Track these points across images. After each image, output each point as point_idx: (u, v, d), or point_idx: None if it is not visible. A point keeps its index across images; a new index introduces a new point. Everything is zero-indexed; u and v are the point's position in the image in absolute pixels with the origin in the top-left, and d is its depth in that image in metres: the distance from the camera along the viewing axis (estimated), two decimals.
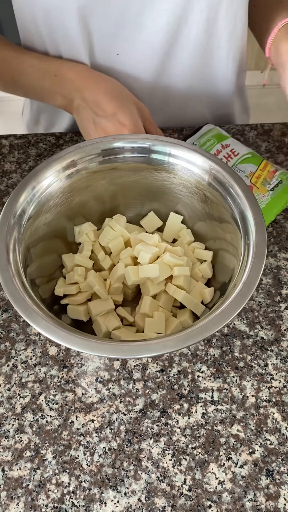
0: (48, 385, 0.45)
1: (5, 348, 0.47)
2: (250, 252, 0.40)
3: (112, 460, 0.41)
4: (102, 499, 0.39)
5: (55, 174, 0.46)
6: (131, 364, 0.46)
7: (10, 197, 0.44)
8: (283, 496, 0.39)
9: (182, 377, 0.45)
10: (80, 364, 0.46)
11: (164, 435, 0.42)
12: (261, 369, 0.45)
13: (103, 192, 0.51)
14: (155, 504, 0.38)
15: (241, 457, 0.40)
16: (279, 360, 0.46)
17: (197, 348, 0.47)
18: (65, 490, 0.39)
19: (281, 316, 0.49)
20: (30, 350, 0.47)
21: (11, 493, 0.39)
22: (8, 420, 0.43)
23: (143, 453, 0.41)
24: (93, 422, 0.43)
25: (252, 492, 0.39)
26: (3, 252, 0.40)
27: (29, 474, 0.40)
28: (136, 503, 0.39)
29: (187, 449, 0.41)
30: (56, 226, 0.49)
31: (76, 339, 0.35)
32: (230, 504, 0.38)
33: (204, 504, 0.38)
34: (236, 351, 0.46)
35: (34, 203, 0.45)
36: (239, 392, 0.44)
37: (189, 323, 0.46)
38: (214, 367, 0.45)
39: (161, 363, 0.46)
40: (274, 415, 0.42)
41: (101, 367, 0.46)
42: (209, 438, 0.41)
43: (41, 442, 0.42)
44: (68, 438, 0.42)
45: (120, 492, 0.39)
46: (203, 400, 0.43)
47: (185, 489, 0.39)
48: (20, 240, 0.42)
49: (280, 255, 0.53)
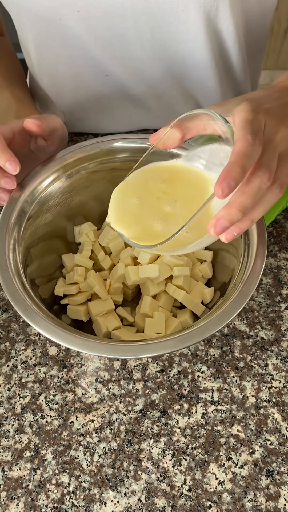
0: (48, 385, 0.45)
1: (5, 348, 0.47)
2: (250, 252, 0.40)
3: (112, 460, 0.41)
4: (102, 499, 0.39)
5: (55, 174, 0.46)
6: (131, 364, 0.46)
7: (10, 197, 0.44)
8: (283, 497, 0.39)
9: (182, 377, 0.45)
10: (80, 364, 0.46)
11: (164, 435, 0.42)
12: (261, 369, 0.45)
13: (103, 192, 0.51)
14: (155, 505, 0.38)
15: (241, 457, 0.40)
16: (279, 360, 0.46)
17: (197, 348, 0.47)
18: (65, 490, 0.39)
19: (281, 316, 0.49)
20: (30, 350, 0.47)
21: (11, 493, 0.39)
22: (8, 420, 0.43)
23: (143, 453, 0.41)
24: (93, 422, 0.43)
25: (252, 493, 0.39)
26: (3, 252, 0.40)
27: (29, 474, 0.40)
28: (136, 503, 0.39)
29: (187, 449, 0.41)
30: (56, 226, 0.49)
31: (76, 339, 0.35)
32: (230, 505, 0.38)
33: (204, 504, 0.38)
34: (236, 351, 0.46)
35: (34, 203, 0.45)
36: (239, 392, 0.44)
37: (189, 323, 0.46)
38: (214, 367, 0.45)
39: (161, 363, 0.46)
40: (274, 415, 0.42)
41: (101, 367, 0.46)
42: (209, 438, 0.41)
43: (41, 442, 0.42)
44: (68, 438, 0.42)
45: (120, 493, 0.39)
46: (203, 400, 0.43)
47: (185, 489, 0.39)
48: (20, 240, 0.42)
49: (280, 255, 0.53)
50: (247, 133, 0.31)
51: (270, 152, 0.33)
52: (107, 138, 0.48)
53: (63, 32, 0.52)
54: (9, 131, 0.44)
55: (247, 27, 0.56)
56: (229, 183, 0.29)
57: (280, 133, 0.34)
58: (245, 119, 0.32)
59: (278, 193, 0.34)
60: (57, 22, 0.51)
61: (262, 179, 0.32)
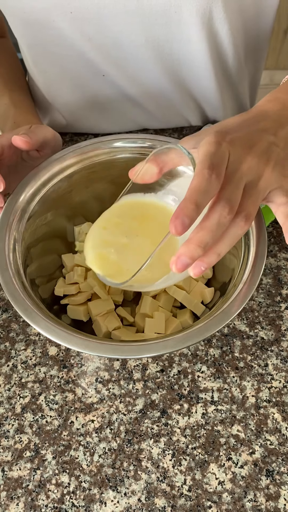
0: (48, 385, 0.45)
1: (5, 348, 0.47)
2: (250, 252, 0.40)
3: (112, 461, 0.41)
4: (102, 499, 0.39)
5: (55, 174, 0.46)
6: (131, 364, 0.46)
7: (10, 197, 0.44)
8: (283, 497, 0.39)
9: (182, 377, 0.45)
10: (80, 364, 0.46)
11: (164, 435, 0.42)
12: (261, 369, 0.45)
13: (103, 192, 0.51)
14: (155, 505, 0.38)
15: (241, 458, 0.40)
16: (279, 360, 0.46)
17: (197, 348, 0.47)
18: (65, 490, 0.39)
19: (281, 316, 0.49)
20: (30, 350, 0.47)
21: (11, 493, 0.39)
22: (8, 420, 0.43)
23: (143, 453, 0.41)
24: (93, 422, 0.43)
25: (252, 493, 0.39)
26: (3, 252, 0.40)
27: (29, 474, 0.40)
28: (136, 503, 0.39)
29: (187, 449, 0.41)
30: (56, 226, 0.49)
31: (76, 339, 0.35)
32: (230, 505, 0.38)
33: (204, 504, 0.38)
34: (236, 351, 0.46)
35: (34, 203, 0.45)
36: (239, 392, 0.44)
37: (189, 323, 0.46)
38: (214, 367, 0.45)
39: (161, 363, 0.46)
40: (274, 415, 0.42)
41: (101, 367, 0.46)
42: (209, 438, 0.41)
43: (41, 442, 0.42)
44: (68, 438, 0.42)
45: (120, 493, 0.39)
46: (203, 400, 0.43)
47: (185, 489, 0.39)
48: (20, 240, 0.42)
49: (280, 255, 0.53)
50: (204, 167, 0.30)
51: (233, 184, 0.32)
52: (107, 138, 0.48)
53: (58, 33, 0.52)
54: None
55: (244, 28, 0.55)
56: (183, 221, 0.28)
57: (246, 163, 0.33)
58: (206, 152, 0.31)
59: (243, 225, 0.32)
60: (50, 24, 0.51)
61: (222, 212, 0.30)
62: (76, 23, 0.50)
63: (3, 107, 0.59)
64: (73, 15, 0.49)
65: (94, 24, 0.50)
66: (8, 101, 0.59)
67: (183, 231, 0.29)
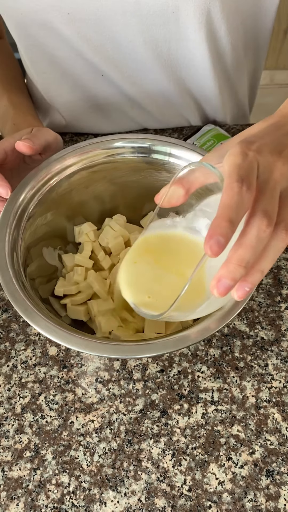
0: (48, 385, 0.45)
1: (5, 348, 0.47)
2: None
3: (112, 461, 0.41)
4: (102, 499, 0.39)
5: (55, 174, 0.46)
6: (131, 364, 0.46)
7: (10, 197, 0.44)
8: (283, 497, 0.39)
9: (182, 377, 0.45)
10: (80, 364, 0.46)
11: (164, 435, 0.42)
12: (261, 369, 0.45)
13: (103, 192, 0.51)
14: (155, 505, 0.38)
15: (241, 458, 0.40)
16: (279, 360, 0.46)
17: (197, 348, 0.47)
18: (65, 491, 0.39)
19: (281, 316, 0.49)
20: (30, 350, 0.47)
21: (11, 494, 0.39)
22: (8, 420, 0.43)
23: (143, 454, 0.41)
24: (93, 423, 0.43)
25: (252, 493, 0.39)
26: (3, 252, 0.40)
27: (29, 475, 0.40)
28: (136, 503, 0.39)
29: (187, 450, 0.41)
30: (56, 226, 0.49)
31: (76, 339, 0.35)
32: (230, 505, 0.38)
33: (204, 504, 0.38)
34: (236, 351, 0.46)
35: (34, 203, 0.45)
36: (239, 393, 0.44)
37: (189, 323, 0.46)
38: (214, 367, 0.45)
39: (161, 363, 0.46)
40: (274, 416, 0.42)
41: (101, 367, 0.46)
42: (209, 438, 0.41)
43: (41, 443, 0.42)
44: (68, 439, 0.42)
45: (120, 493, 0.39)
46: (203, 400, 0.43)
47: (185, 489, 0.39)
48: (20, 240, 0.42)
49: (280, 255, 0.53)
50: (232, 181, 0.28)
51: (267, 194, 0.29)
52: (107, 138, 0.48)
53: (55, 34, 0.52)
54: (1, 152, 0.44)
55: (243, 27, 0.55)
56: (218, 240, 0.26)
57: (277, 170, 0.30)
58: (233, 165, 0.29)
59: (284, 237, 0.29)
60: (48, 25, 0.51)
61: (260, 226, 0.28)
62: (73, 24, 0.50)
63: (2, 108, 0.59)
64: (71, 16, 0.49)
65: (92, 24, 0.50)
66: (7, 102, 0.59)
67: (220, 251, 0.26)
